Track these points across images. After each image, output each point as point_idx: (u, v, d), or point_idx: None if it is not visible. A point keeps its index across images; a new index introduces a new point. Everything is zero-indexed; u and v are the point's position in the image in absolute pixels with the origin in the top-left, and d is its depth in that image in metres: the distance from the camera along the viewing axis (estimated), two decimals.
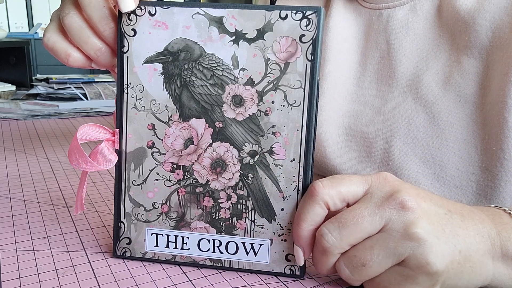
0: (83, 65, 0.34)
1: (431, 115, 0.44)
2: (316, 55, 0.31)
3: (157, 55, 0.32)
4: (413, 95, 0.46)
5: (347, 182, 0.30)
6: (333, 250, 0.30)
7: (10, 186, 0.51)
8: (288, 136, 0.32)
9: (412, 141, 0.45)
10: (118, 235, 0.35)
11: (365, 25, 0.51)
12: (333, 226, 0.29)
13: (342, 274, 0.30)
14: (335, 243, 0.29)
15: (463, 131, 0.42)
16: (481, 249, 0.29)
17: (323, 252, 0.30)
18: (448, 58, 0.44)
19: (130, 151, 0.34)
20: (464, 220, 0.30)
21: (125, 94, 0.33)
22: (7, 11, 2.09)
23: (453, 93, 0.43)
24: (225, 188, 0.33)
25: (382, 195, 0.29)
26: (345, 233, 0.29)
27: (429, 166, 0.44)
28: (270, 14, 0.31)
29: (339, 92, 0.51)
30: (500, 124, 0.40)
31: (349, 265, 0.29)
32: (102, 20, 0.32)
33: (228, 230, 0.34)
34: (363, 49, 0.51)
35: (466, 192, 0.43)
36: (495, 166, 0.41)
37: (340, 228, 0.29)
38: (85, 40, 0.33)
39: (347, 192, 0.30)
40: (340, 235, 0.29)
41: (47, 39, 0.34)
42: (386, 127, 0.46)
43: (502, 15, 0.41)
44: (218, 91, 0.32)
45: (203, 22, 0.32)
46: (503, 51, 0.41)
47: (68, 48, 0.33)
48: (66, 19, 0.33)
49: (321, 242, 0.30)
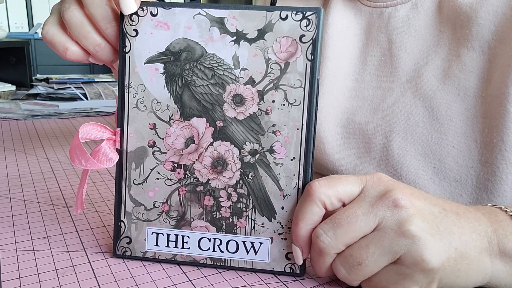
0: (81, 59, 0.34)
1: (430, 110, 0.44)
2: (316, 55, 0.31)
3: (158, 55, 0.32)
4: (412, 90, 0.46)
5: (344, 181, 0.31)
6: (329, 251, 0.30)
7: (10, 186, 0.51)
8: (289, 135, 0.32)
9: (411, 136, 0.45)
10: (118, 235, 0.35)
11: (366, 23, 0.51)
12: (327, 227, 0.30)
13: (339, 274, 0.30)
14: (330, 243, 0.29)
15: (462, 124, 0.42)
16: (478, 246, 0.29)
17: (319, 253, 0.30)
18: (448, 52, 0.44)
19: (131, 150, 0.34)
20: (459, 218, 0.30)
21: (127, 93, 0.33)
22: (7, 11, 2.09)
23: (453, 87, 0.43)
24: (226, 187, 0.33)
25: (375, 194, 0.30)
26: (340, 232, 0.29)
27: (428, 160, 0.44)
28: (270, 14, 0.31)
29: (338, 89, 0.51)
30: (501, 115, 0.40)
31: (346, 265, 0.29)
32: (104, 18, 0.32)
33: (228, 229, 0.34)
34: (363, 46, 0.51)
35: (466, 186, 0.43)
36: (496, 159, 0.40)
37: (334, 228, 0.29)
38: (84, 35, 0.33)
39: (344, 191, 0.30)
40: (335, 235, 0.29)
41: (46, 31, 0.34)
42: (385, 122, 0.47)
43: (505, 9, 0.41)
44: (219, 91, 0.32)
45: (205, 22, 0.32)
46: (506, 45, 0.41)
47: (67, 42, 0.33)
48: (67, 14, 0.33)
49: (317, 243, 0.30)
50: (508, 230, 0.30)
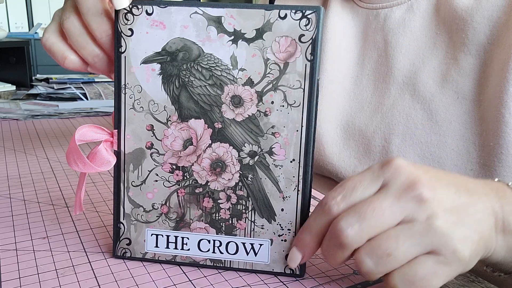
0: (79, 68, 0.34)
1: (429, 112, 0.44)
2: (315, 55, 0.31)
3: (155, 55, 0.32)
4: (411, 92, 0.46)
5: (359, 188, 0.29)
6: (352, 244, 0.29)
7: (10, 186, 0.51)
8: (288, 136, 0.32)
9: (410, 138, 0.45)
10: (118, 236, 0.35)
11: (362, 25, 0.52)
12: (352, 220, 0.28)
13: (363, 266, 0.29)
14: (355, 237, 0.28)
15: (461, 127, 0.43)
16: (488, 223, 0.29)
17: (340, 246, 0.29)
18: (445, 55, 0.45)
19: (128, 152, 0.34)
20: (470, 196, 0.30)
21: (123, 94, 0.33)
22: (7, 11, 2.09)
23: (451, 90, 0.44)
24: (225, 188, 0.33)
25: (398, 186, 0.29)
26: (366, 226, 0.28)
27: (427, 162, 0.44)
28: (269, 13, 0.31)
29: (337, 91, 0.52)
30: (497, 119, 0.40)
31: (373, 256, 0.28)
32: (99, 27, 0.32)
33: (228, 231, 0.34)
34: (360, 48, 0.52)
35: None
36: (493, 162, 0.41)
37: (360, 222, 0.28)
38: (83, 46, 0.33)
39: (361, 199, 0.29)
40: (360, 229, 0.28)
41: (46, 39, 0.34)
42: (384, 125, 0.47)
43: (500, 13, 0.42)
44: (217, 92, 0.32)
45: (201, 21, 0.31)
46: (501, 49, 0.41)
47: (66, 51, 0.34)
48: (66, 23, 0.33)
49: (340, 237, 0.29)
50: None
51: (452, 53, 0.44)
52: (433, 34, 0.46)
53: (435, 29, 0.46)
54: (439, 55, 0.45)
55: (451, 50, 0.44)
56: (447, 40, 0.45)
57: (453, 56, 0.44)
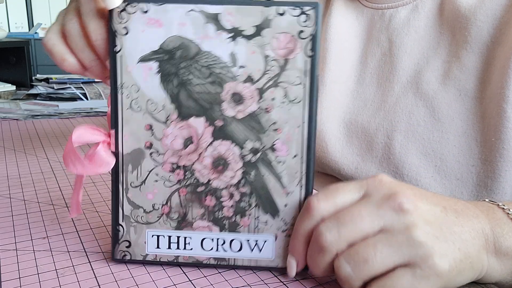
0: (77, 71, 0.34)
1: (431, 109, 0.45)
2: (315, 51, 0.31)
3: (152, 53, 0.32)
4: (414, 90, 0.46)
5: (342, 191, 0.31)
6: (331, 249, 0.29)
7: (10, 186, 0.51)
8: (290, 132, 0.32)
9: (412, 135, 0.45)
10: (117, 239, 0.34)
11: (367, 24, 0.52)
12: (331, 225, 0.29)
13: (341, 272, 0.29)
14: (333, 241, 0.29)
15: (463, 124, 0.43)
16: (477, 244, 0.29)
17: (320, 250, 0.30)
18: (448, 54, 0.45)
19: (127, 153, 0.33)
20: (458, 216, 0.30)
21: (120, 94, 0.33)
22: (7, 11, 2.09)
23: (453, 88, 0.44)
24: (228, 186, 0.33)
25: (380, 197, 0.29)
26: (344, 231, 0.29)
27: (430, 159, 0.44)
28: (267, 10, 0.31)
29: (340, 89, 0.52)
30: (498, 115, 0.41)
31: (351, 261, 0.29)
32: (96, 30, 0.32)
33: (231, 228, 0.34)
34: (364, 47, 0.52)
35: (466, 184, 0.43)
36: (495, 157, 0.41)
37: (338, 226, 0.29)
38: (82, 49, 0.33)
39: (343, 202, 0.30)
40: (338, 233, 0.29)
41: (47, 39, 0.34)
42: (387, 122, 0.47)
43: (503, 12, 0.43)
44: (216, 90, 0.32)
45: (199, 19, 0.31)
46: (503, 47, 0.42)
47: (65, 53, 0.33)
48: (68, 25, 0.33)
49: (319, 240, 0.30)
50: (505, 228, 0.30)
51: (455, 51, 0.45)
52: (437, 34, 0.46)
53: (439, 29, 0.46)
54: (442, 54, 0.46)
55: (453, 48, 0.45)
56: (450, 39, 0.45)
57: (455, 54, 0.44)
